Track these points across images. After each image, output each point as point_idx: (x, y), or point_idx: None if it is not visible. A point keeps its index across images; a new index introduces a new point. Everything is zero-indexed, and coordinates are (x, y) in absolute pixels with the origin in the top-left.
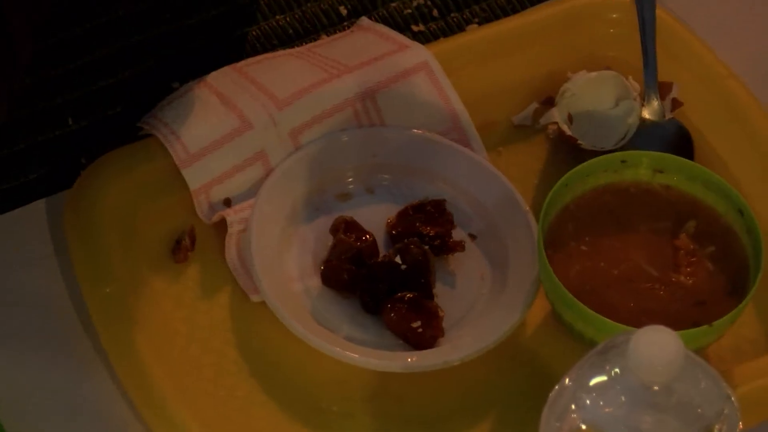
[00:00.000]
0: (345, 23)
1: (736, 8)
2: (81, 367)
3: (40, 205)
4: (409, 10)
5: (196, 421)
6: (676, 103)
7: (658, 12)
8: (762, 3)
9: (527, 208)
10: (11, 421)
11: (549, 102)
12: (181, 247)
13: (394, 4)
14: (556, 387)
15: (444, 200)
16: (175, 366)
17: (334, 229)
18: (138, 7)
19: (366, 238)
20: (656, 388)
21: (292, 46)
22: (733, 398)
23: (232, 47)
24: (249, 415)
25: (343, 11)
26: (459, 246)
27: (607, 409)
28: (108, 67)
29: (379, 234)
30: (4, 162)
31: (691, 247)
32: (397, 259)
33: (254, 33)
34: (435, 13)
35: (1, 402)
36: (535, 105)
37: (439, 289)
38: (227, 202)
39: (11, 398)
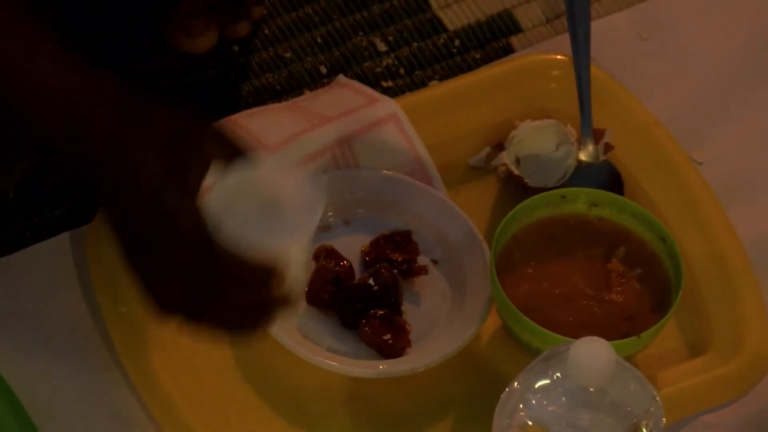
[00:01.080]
0: (325, 80)
1: (658, 65)
2: (101, 375)
3: (65, 237)
4: (380, 69)
5: (200, 421)
6: (608, 147)
7: (593, 69)
8: (678, 61)
9: (481, 238)
10: (43, 420)
11: (499, 147)
12: None
13: (366, 64)
14: (507, 389)
15: (410, 231)
16: (181, 373)
17: (316, 256)
18: (150, 67)
19: (344, 263)
20: (592, 390)
21: (280, 100)
22: (657, 398)
23: (229, 101)
24: (245, 416)
25: (323, 70)
26: (423, 270)
27: (550, 408)
28: None
29: (355, 260)
30: (35, 201)
31: (621, 269)
32: (371, 282)
33: (247, 89)
34: (402, 71)
35: (35, 403)
36: (487, 149)
37: (407, 307)
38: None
39: (43, 401)
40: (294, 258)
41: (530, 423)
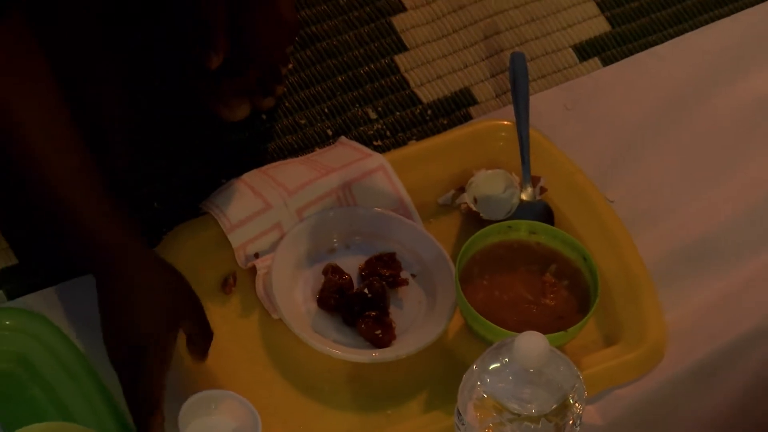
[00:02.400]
0: (330, 140)
1: (578, 128)
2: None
3: None
4: (371, 132)
5: (235, 387)
6: (542, 190)
7: (531, 132)
8: (593, 125)
9: (448, 258)
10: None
11: (461, 189)
12: (227, 284)
13: (361, 128)
14: (468, 371)
15: (394, 253)
16: (221, 356)
17: (325, 272)
18: (198, 131)
19: (345, 277)
20: (532, 371)
21: (297, 155)
22: (580, 377)
23: (258, 157)
24: (270, 390)
25: (330, 132)
26: (404, 282)
27: (500, 385)
28: (179, 168)
29: (354, 274)
30: None
31: (553, 281)
32: (366, 291)
33: (272, 147)
34: (388, 133)
35: (117, 386)
36: (452, 191)
37: (392, 310)
38: (256, 255)
39: (114, 385)
40: None
41: (485, 396)
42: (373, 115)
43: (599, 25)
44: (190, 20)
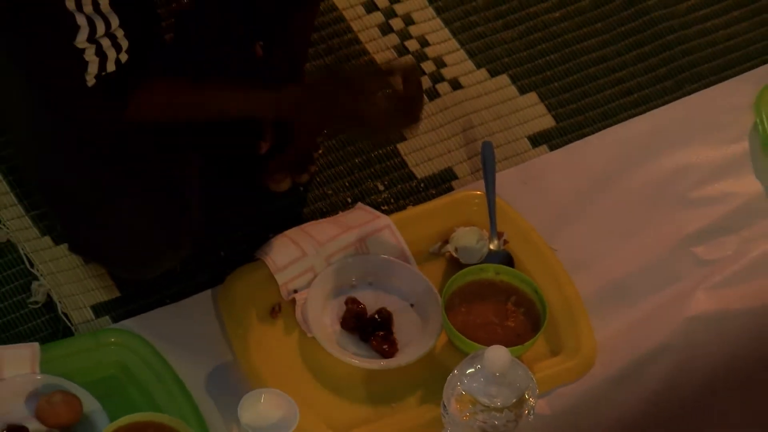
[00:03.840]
0: (350, 206)
1: (532, 197)
2: (226, 365)
3: (207, 293)
4: (380, 199)
5: (280, 386)
6: (505, 242)
7: (497, 199)
8: (542, 194)
9: (437, 292)
10: (202, 396)
11: (446, 241)
12: (274, 311)
13: (373, 197)
14: (451, 374)
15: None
16: (270, 362)
17: (346, 302)
18: (250, 200)
19: (361, 306)
20: (497, 374)
21: (325, 217)
22: (533, 379)
23: (296, 219)
24: (305, 388)
25: (349, 200)
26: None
27: (474, 385)
28: (239, 226)
29: (368, 303)
30: (188, 272)
31: (513, 309)
32: (376, 317)
33: (306, 211)
34: (392, 201)
35: (194, 386)
36: (439, 243)
37: (396, 330)
38: (295, 291)
39: (198, 387)
40: None
41: (464, 393)
42: (381, 188)
43: (547, 122)
44: (246, 121)
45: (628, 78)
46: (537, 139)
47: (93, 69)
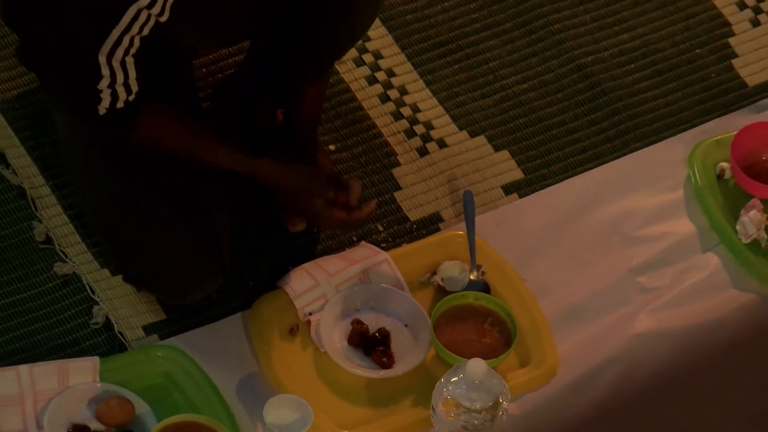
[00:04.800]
0: (355, 244)
1: (504, 236)
2: (254, 374)
3: (238, 315)
4: (380, 238)
5: (298, 392)
6: (483, 273)
7: (476, 238)
8: (512, 234)
9: (426, 315)
10: (233, 401)
11: (434, 273)
12: (293, 330)
13: (374, 236)
14: (438, 382)
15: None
16: (290, 372)
17: (352, 323)
18: (277, 239)
19: (365, 326)
20: (477, 382)
21: (335, 253)
22: (506, 386)
23: (311, 253)
24: (318, 394)
25: (354, 239)
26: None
27: (458, 390)
28: (264, 260)
29: (370, 323)
30: (223, 298)
31: (489, 328)
32: (377, 335)
33: (319, 248)
34: (390, 239)
35: (227, 393)
36: (428, 274)
37: (393, 346)
38: (310, 314)
39: (230, 393)
40: None
41: (449, 397)
42: (380, 228)
43: (517, 174)
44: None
45: (583, 138)
46: (509, 189)
47: (105, 104)
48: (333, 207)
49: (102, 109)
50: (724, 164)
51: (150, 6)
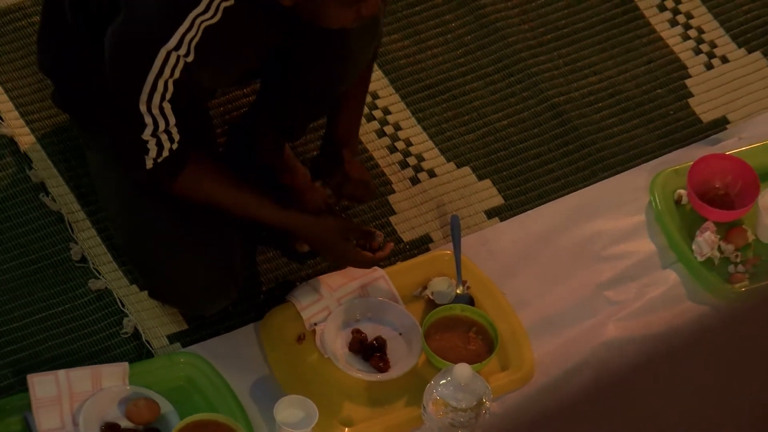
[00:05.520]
0: None
1: (488, 257)
2: (265, 378)
3: (251, 326)
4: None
5: (305, 393)
6: (468, 288)
7: (462, 257)
8: (492, 256)
9: (418, 323)
10: (247, 401)
11: (425, 287)
12: (300, 338)
13: None
14: (428, 384)
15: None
16: (297, 376)
17: (352, 332)
18: (288, 258)
19: (363, 335)
20: (463, 384)
21: (336, 270)
22: (489, 387)
23: (316, 271)
24: (322, 394)
25: None
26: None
27: (446, 392)
28: (276, 277)
29: (368, 331)
30: (237, 311)
31: (474, 336)
32: (375, 343)
33: (322, 266)
34: (385, 258)
35: (241, 394)
36: (420, 288)
37: (389, 352)
38: (315, 324)
39: (245, 394)
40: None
41: (438, 398)
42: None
43: (498, 200)
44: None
45: (557, 168)
46: (491, 213)
47: (152, 154)
48: (358, 249)
49: (149, 161)
50: (682, 191)
51: (177, 47)
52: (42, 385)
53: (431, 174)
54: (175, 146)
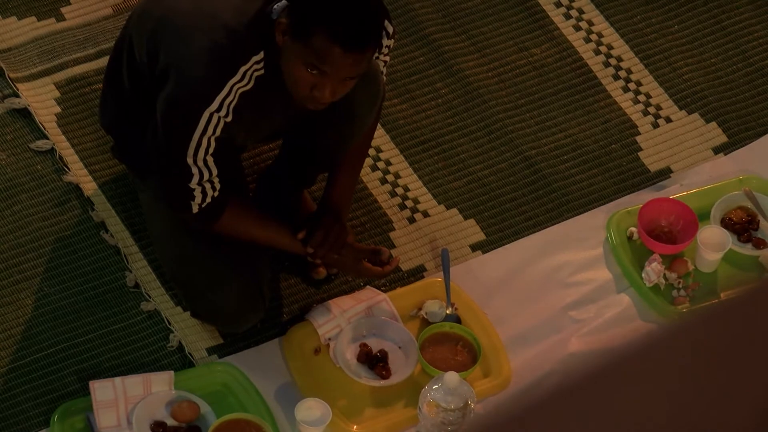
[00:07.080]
0: (362, 287)
1: (472, 279)
2: (288, 384)
3: (276, 340)
4: (380, 283)
5: (320, 396)
6: (456, 309)
7: (451, 283)
8: (476, 278)
9: (414, 339)
10: (272, 403)
11: (420, 309)
12: (317, 351)
13: (375, 282)
14: (423, 389)
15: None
16: (314, 381)
17: (360, 346)
18: (306, 282)
19: (369, 348)
20: (452, 388)
21: (347, 294)
22: (473, 391)
23: (330, 295)
24: (335, 397)
25: (361, 284)
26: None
27: (437, 395)
28: (296, 300)
29: (372, 344)
30: (264, 328)
31: (461, 349)
32: (378, 354)
33: (335, 291)
34: (387, 284)
35: (267, 397)
36: (415, 309)
37: (390, 362)
38: (329, 339)
39: (270, 397)
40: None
41: (431, 400)
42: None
43: (480, 236)
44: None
45: (529, 210)
46: (475, 247)
47: (198, 201)
48: (369, 266)
49: (195, 206)
50: (633, 228)
51: (218, 110)
52: (101, 390)
53: (425, 214)
54: (216, 194)
